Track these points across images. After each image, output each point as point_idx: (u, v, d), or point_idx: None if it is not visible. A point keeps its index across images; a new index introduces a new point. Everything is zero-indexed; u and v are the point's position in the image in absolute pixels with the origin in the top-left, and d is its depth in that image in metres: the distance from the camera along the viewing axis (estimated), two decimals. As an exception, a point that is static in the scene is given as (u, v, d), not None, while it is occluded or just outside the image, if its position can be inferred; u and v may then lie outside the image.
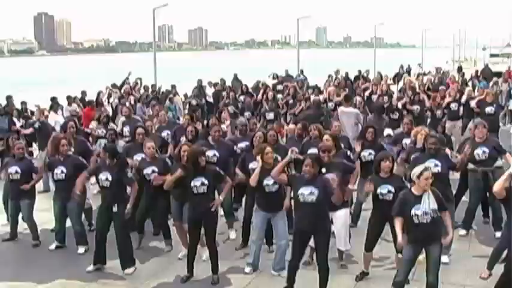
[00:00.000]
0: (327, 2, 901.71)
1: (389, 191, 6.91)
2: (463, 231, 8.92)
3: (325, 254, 6.69)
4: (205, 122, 13.84)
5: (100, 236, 7.85)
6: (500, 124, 17.28)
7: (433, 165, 7.53)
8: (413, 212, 6.14)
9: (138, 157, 8.88)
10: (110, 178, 7.71)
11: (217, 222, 7.53)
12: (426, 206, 6.13)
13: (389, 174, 7.05)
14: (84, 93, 18.35)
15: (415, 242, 6.28)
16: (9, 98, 16.38)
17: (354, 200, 9.12)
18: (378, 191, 6.97)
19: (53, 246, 8.77)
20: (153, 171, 8.31)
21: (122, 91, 18.42)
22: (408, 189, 6.46)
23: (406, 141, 9.68)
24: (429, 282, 6.29)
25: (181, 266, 7.68)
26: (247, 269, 7.70)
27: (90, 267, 7.89)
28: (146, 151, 8.49)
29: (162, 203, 8.40)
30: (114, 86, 19.10)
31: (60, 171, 8.53)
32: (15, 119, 14.42)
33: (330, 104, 15.24)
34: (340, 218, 7.55)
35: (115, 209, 7.71)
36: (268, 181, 7.37)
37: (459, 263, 7.66)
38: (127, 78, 19.70)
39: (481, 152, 8.73)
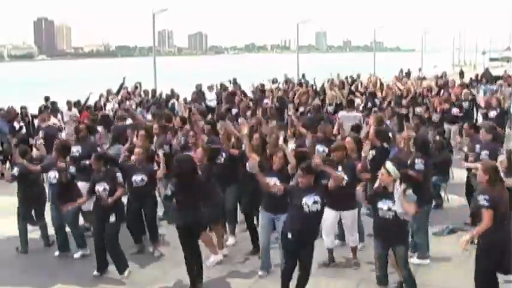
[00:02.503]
0: (327, 7, 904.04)
1: None
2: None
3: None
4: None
5: (98, 243, 7.85)
6: (507, 129, 17.44)
7: None
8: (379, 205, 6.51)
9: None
10: (107, 188, 7.75)
11: (200, 230, 7.54)
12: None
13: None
14: (109, 91, 18.48)
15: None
16: (47, 100, 16.56)
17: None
18: None
19: (57, 253, 8.75)
20: (142, 180, 8.42)
21: (120, 97, 18.41)
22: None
23: None
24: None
25: (182, 271, 7.62)
26: (260, 272, 7.73)
27: (95, 272, 7.90)
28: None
29: (149, 205, 8.56)
30: (109, 92, 18.91)
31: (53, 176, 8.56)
32: (15, 123, 14.47)
33: (330, 108, 15.33)
34: (349, 217, 7.79)
35: (112, 218, 7.73)
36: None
37: (460, 267, 7.63)
38: (122, 83, 19.55)
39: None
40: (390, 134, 10.75)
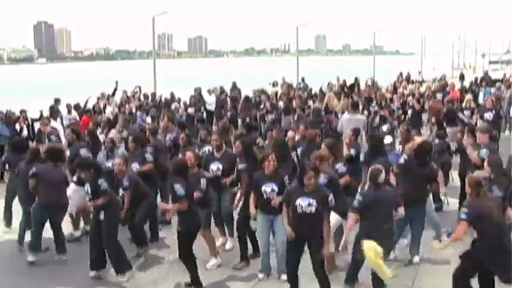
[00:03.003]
0: (326, 10, 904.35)
1: None
2: None
3: (321, 259, 6.71)
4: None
5: (92, 241, 7.85)
6: (507, 132, 17.46)
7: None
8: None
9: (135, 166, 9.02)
10: (89, 191, 7.79)
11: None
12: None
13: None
14: (104, 95, 18.46)
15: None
16: (57, 101, 16.60)
17: None
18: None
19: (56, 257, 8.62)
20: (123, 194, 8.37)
21: (119, 100, 18.40)
22: None
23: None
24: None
25: (181, 274, 7.64)
26: (260, 275, 7.73)
27: (92, 273, 7.87)
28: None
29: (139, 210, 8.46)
30: (107, 95, 18.84)
31: None
32: (17, 125, 14.58)
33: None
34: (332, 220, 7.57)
35: (101, 216, 7.73)
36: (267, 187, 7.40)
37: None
38: (115, 88, 19.47)
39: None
40: (391, 137, 10.77)
